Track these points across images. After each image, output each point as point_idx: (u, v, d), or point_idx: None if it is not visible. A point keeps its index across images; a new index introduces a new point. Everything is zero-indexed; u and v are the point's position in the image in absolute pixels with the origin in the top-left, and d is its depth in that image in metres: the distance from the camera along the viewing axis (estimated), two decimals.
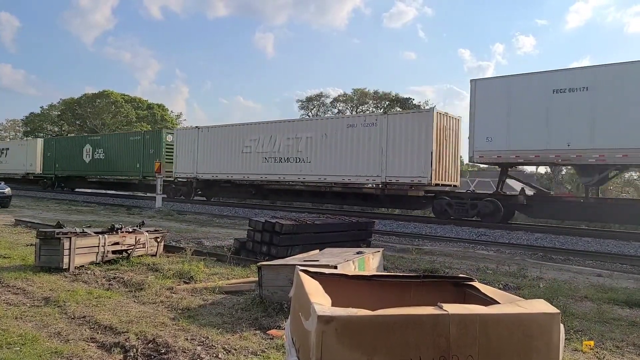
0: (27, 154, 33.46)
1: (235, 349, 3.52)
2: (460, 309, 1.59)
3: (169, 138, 24.48)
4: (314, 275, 2.08)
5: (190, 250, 7.34)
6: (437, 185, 15.61)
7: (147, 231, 7.41)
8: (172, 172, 23.56)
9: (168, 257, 7.34)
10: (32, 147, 33.34)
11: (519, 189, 15.92)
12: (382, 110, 42.11)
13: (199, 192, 23.43)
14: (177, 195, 23.64)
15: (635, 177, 25.65)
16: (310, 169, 18.18)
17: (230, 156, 20.94)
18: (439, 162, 15.48)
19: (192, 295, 5.12)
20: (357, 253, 5.51)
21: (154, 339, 3.63)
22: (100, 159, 28.02)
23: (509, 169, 15.23)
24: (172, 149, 23.90)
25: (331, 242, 7.99)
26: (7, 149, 36.64)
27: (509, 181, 16.84)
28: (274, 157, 19.35)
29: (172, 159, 23.77)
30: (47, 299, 4.81)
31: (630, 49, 76.31)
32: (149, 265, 6.65)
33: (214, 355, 3.41)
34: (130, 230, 7.25)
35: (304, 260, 5.03)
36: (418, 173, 15.41)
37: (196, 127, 22.65)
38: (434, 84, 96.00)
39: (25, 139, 41.02)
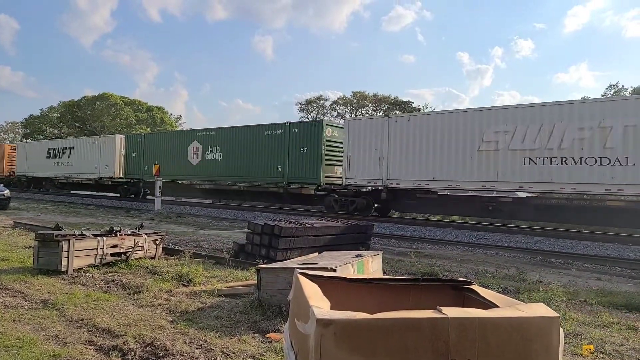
0: (100, 154, 26.92)
1: (233, 352, 3.51)
2: (460, 313, 1.59)
3: (329, 132, 17.93)
4: (313, 278, 2.08)
5: (189, 252, 7.34)
6: None
7: (145, 234, 7.40)
8: (332, 177, 17.81)
9: (167, 260, 7.33)
10: (108, 146, 26.72)
11: None
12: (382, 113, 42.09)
13: (377, 206, 17.18)
14: (349, 209, 16.85)
15: None
16: (633, 176, 11.71)
17: (452, 156, 14.45)
18: None
19: (190, 298, 5.11)
20: (356, 256, 5.50)
21: (152, 342, 3.62)
22: (215, 160, 21.22)
23: None
24: (336, 145, 17.83)
25: (330, 245, 7.99)
26: (72, 147, 29.50)
27: None
28: (550, 157, 12.74)
29: (334, 159, 17.86)
30: (45, 301, 4.79)
31: (628, 52, 76.54)
32: (147, 268, 6.64)
33: (213, 358, 3.40)
34: (129, 232, 7.24)
35: (303, 263, 5.03)
36: None
37: (385, 115, 17.09)
38: (432, 87, 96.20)
39: (98, 135, 32.50)
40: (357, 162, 16.67)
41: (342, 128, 17.82)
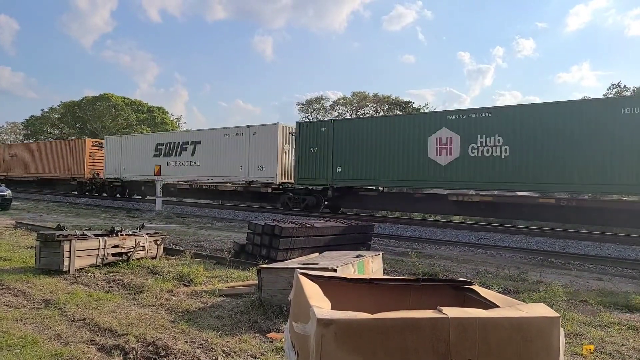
0: (249, 151, 19.74)
1: (234, 352, 3.52)
2: (460, 313, 1.60)
3: None
4: (313, 278, 2.09)
5: (190, 253, 7.35)
6: None
7: (147, 234, 7.42)
8: None
9: (168, 260, 7.34)
10: (263, 139, 19.34)
11: None
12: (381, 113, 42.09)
13: None
14: None
15: None
16: None
17: None
18: None
19: (191, 298, 5.12)
20: (357, 256, 5.51)
21: (153, 341, 3.63)
22: (491, 157, 13.65)
23: None
24: None
25: (331, 245, 8.00)
26: (197, 142, 22.00)
27: None
28: None
29: None
30: (47, 301, 4.81)
31: (631, 51, 76.34)
32: (148, 267, 6.65)
33: (213, 358, 3.40)
34: (130, 232, 7.25)
35: (304, 263, 5.03)
36: None
37: None
38: (433, 87, 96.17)
39: (246, 125, 20.44)
40: None
41: None
